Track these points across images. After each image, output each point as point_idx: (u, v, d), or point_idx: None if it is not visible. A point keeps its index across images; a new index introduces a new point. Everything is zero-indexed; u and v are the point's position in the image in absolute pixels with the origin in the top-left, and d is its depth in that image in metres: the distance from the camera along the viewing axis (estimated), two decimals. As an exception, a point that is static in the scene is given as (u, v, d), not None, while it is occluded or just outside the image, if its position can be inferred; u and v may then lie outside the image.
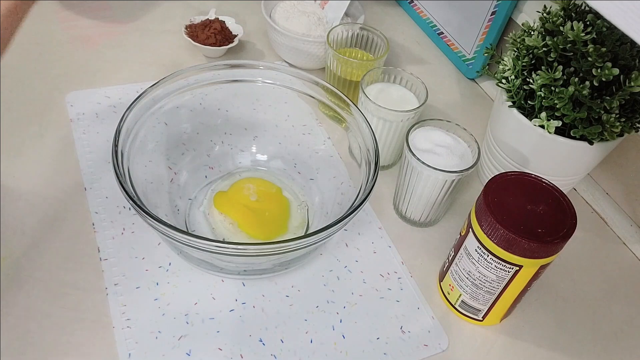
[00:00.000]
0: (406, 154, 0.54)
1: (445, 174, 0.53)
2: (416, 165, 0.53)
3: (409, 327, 0.52)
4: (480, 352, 0.51)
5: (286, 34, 0.73)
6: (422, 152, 0.55)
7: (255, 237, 0.54)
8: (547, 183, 0.47)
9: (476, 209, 0.47)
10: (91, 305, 0.49)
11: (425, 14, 0.89)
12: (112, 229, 0.55)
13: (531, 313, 0.55)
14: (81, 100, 0.66)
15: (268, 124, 0.62)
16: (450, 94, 0.80)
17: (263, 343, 0.49)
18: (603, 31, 0.52)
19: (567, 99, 0.51)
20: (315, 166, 0.61)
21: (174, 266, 0.53)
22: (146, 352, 0.47)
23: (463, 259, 0.49)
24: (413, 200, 0.58)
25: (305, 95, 0.58)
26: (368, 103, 0.59)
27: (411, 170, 0.55)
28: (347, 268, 0.56)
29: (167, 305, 0.50)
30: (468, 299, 0.51)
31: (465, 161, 0.55)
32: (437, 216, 0.60)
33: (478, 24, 0.78)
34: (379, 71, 0.64)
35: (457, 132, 0.57)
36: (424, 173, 0.53)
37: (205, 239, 0.42)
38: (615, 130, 0.52)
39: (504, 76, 0.57)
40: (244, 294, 0.52)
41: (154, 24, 0.81)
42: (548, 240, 0.43)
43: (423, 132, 0.57)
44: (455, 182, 0.54)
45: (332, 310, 0.52)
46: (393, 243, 0.59)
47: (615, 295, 0.58)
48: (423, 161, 0.53)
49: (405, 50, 0.86)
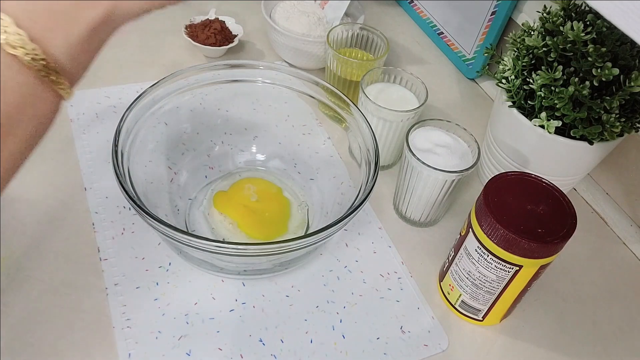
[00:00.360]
0: (406, 154, 0.54)
1: (445, 174, 0.53)
2: (416, 165, 0.53)
3: (409, 327, 0.52)
4: (480, 352, 0.51)
5: (286, 34, 0.73)
6: (422, 152, 0.55)
7: (254, 238, 0.54)
8: (547, 183, 0.47)
9: (476, 209, 0.47)
10: (91, 305, 0.49)
11: (425, 14, 0.89)
12: (112, 229, 0.55)
13: (531, 313, 0.55)
14: (81, 100, 0.66)
15: (268, 124, 0.62)
16: (450, 94, 0.80)
17: (263, 343, 0.49)
18: (603, 31, 0.52)
19: (567, 99, 0.51)
20: (315, 166, 0.61)
21: (174, 266, 0.53)
22: (146, 352, 0.47)
23: (463, 259, 0.49)
24: (413, 200, 0.58)
25: (305, 95, 0.58)
26: (368, 103, 0.59)
27: (411, 170, 0.55)
28: (347, 268, 0.56)
29: (167, 305, 0.50)
30: (468, 299, 0.51)
31: (465, 161, 0.55)
32: (437, 216, 0.60)
33: (478, 24, 0.78)
34: (379, 71, 0.64)
35: (457, 132, 0.57)
36: (424, 173, 0.53)
37: (205, 239, 0.42)
38: (615, 130, 0.52)
39: (504, 76, 0.57)
40: (244, 294, 0.52)
41: (154, 24, 0.81)
42: (548, 240, 0.43)
43: (423, 132, 0.57)
44: (455, 182, 0.54)
45: (332, 310, 0.52)
46: (393, 243, 0.59)
47: (615, 295, 0.58)
48: (423, 161, 0.53)
49: (405, 50, 0.86)
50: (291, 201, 0.59)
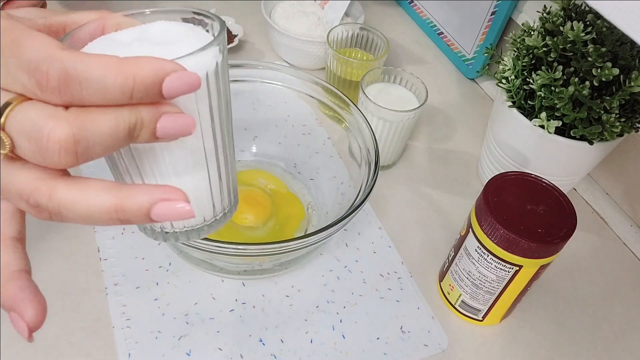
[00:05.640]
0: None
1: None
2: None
3: (409, 327, 0.52)
4: (480, 352, 0.51)
5: (286, 34, 0.73)
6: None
7: (257, 215, 0.55)
8: (547, 183, 0.47)
9: (476, 209, 0.47)
10: (91, 305, 0.49)
11: (425, 14, 0.89)
12: (112, 229, 0.55)
13: (531, 313, 0.55)
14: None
15: (268, 124, 0.62)
16: (450, 94, 0.80)
17: (263, 343, 0.49)
18: (603, 31, 0.52)
19: (567, 99, 0.51)
20: (315, 166, 0.61)
21: (174, 266, 0.53)
22: (146, 352, 0.47)
23: (463, 259, 0.49)
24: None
25: (305, 95, 0.58)
26: (368, 103, 0.59)
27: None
28: (347, 268, 0.56)
29: (167, 305, 0.50)
30: (468, 299, 0.51)
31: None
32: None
33: (478, 24, 0.78)
34: (379, 71, 0.64)
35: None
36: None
37: (206, 239, 0.42)
38: (615, 130, 0.52)
39: (504, 76, 0.57)
40: (244, 294, 0.52)
41: (154, 24, 0.81)
42: (548, 240, 0.43)
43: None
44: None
45: (332, 310, 0.52)
46: (393, 243, 0.58)
47: (616, 295, 0.58)
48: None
49: (405, 50, 0.86)
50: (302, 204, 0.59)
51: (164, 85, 0.23)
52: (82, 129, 0.22)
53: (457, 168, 0.68)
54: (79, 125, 0.22)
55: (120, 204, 0.24)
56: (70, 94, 0.22)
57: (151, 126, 0.24)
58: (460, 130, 0.74)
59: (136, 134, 0.24)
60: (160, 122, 0.24)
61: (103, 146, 0.23)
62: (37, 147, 0.22)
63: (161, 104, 0.24)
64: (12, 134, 0.22)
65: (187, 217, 0.25)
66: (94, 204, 0.24)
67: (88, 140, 0.22)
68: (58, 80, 0.22)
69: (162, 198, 0.25)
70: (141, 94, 0.23)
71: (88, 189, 0.24)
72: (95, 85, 0.22)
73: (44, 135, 0.22)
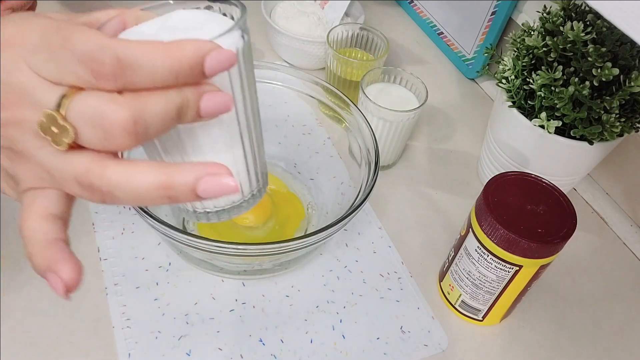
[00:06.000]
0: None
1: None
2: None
3: (409, 327, 0.52)
4: (480, 352, 0.51)
5: (286, 34, 0.73)
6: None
7: (258, 217, 0.55)
8: (547, 183, 0.47)
9: (476, 209, 0.47)
10: (91, 305, 0.49)
11: (425, 14, 0.89)
12: (112, 229, 0.55)
13: (531, 313, 0.55)
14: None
15: (268, 124, 0.62)
16: (450, 94, 0.80)
17: (263, 343, 0.49)
18: (603, 31, 0.52)
19: (567, 99, 0.51)
20: (315, 166, 0.61)
21: (174, 266, 0.53)
22: (146, 352, 0.47)
23: (463, 259, 0.49)
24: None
25: (305, 95, 0.58)
26: (368, 103, 0.59)
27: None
28: (347, 268, 0.56)
29: (167, 305, 0.50)
30: (468, 299, 0.51)
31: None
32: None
33: (478, 24, 0.78)
34: (379, 71, 0.64)
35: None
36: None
37: (205, 239, 0.42)
38: (615, 130, 0.52)
39: (504, 76, 0.57)
40: (244, 294, 0.52)
41: (154, 24, 0.81)
42: (548, 240, 0.43)
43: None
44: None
45: (332, 310, 0.52)
46: (393, 243, 0.58)
47: (616, 295, 0.58)
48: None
49: (405, 50, 0.86)
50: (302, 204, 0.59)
51: (205, 64, 0.24)
52: (140, 110, 0.23)
53: (457, 168, 0.68)
54: (136, 107, 0.23)
55: (168, 180, 0.25)
56: (124, 79, 0.23)
57: (196, 105, 0.25)
58: (460, 130, 0.74)
59: (183, 114, 0.25)
60: (202, 101, 0.25)
61: (157, 127, 0.24)
62: (101, 132, 0.23)
63: (201, 84, 0.25)
64: (75, 123, 0.23)
65: (231, 192, 0.26)
66: (144, 181, 0.25)
67: (146, 121, 0.24)
68: (112, 67, 0.23)
69: (209, 172, 0.25)
70: (186, 75, 0.24)
71: (137, 168, 0.25)
72: (146, 69, 0.23)
73: (107, 118, 0.23)
